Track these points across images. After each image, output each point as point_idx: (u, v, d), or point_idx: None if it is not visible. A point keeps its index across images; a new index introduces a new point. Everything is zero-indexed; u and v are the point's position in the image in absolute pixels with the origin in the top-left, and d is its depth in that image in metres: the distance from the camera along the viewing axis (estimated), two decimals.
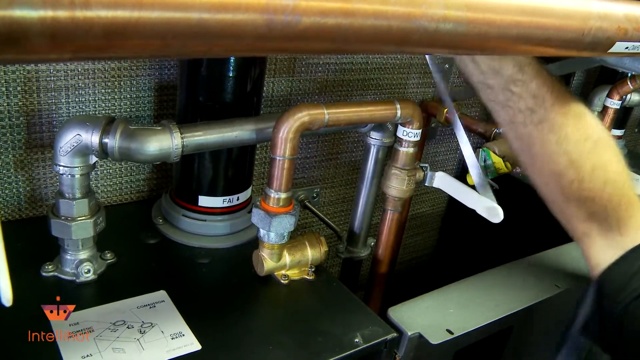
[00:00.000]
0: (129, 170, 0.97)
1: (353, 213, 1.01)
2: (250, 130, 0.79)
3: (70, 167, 0.71)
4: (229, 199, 0.89)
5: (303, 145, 1.15)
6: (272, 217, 0.76)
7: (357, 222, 1.01)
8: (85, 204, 0.74)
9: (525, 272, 0.95)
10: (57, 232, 0.74)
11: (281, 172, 0.75)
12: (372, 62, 1.16)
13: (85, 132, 0.70)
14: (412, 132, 0.86)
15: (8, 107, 0.82)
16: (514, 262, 0.97)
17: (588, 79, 1.56)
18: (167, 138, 0.72)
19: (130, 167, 0.96)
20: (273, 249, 0.80)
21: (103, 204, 0.94)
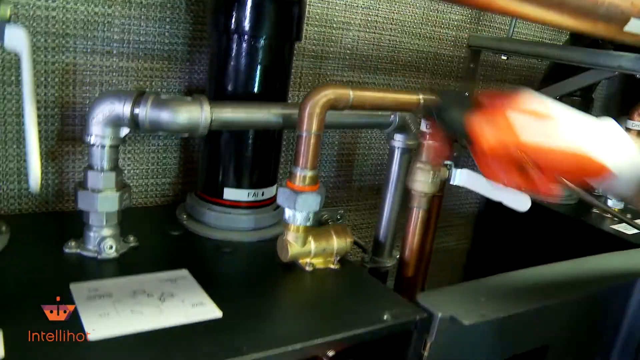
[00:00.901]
0: (155, 173, 0.98)
1: (378, 221, 1.00)
2: (277, 113, 0.81)
3: (102, 137, 0.73)
4: (254, 192, 0.89)
5: (326, 164, 1.16)
6: (297, 194, 0.76)
7: (382, 229, 0.99)
8: (113, 177, 0.75)
9: (565, 272, 0.91)
10: (83, 204, 0.74)
11: (307, 149, 0.75)
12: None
13: (118, 102, 0.72)
14: None
15: (45, 97, 0.85)
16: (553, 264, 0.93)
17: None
18: (197, 109, 0.74)
19: (157, 169, 0.98)
20: (298, 231, 0.78)
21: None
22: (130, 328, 0.60)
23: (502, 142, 0.52)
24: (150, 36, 0.91)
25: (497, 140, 0.52)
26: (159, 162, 0.98)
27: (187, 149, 0.99)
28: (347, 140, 1.18)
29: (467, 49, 1.27)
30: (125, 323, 0.61)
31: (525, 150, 0.52)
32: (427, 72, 1.24)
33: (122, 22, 0.88)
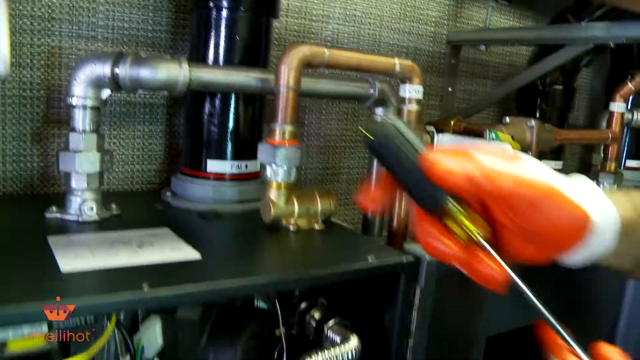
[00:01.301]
0: (141, 159, 0.98)
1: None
2: (255, 77, 0.83)
3: (84, 98, 0.74)
4: (237, 164, 0.89)
5: (313, 156, 1.17)
6: (277, 149, 0.76)
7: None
8: (94, 139, 0.76)
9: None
10: (64, 165, 0.75)
11: (285, 104, 0.77)
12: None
13: (99, 63, 0.74)
14: (414, 88, 0.88)
15: (30, 79, 0.87)
16: None
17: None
18: (175, 67, 0.76)
19: (142, 154, 0.98)
20: (280, 189, 0.78)
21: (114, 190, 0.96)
22: (105, 263, 0.59)
23: (464, 169, 0.38)
24: (134, 23, 0.94)
25: (458, 167, 0.38)
26: (145, 148, 0.98)
27: (172, 135, 1.00)
28: (332, 132, 1.19)
29: (447, 44, 1.31)
30: (100, 261, 0.60)
31: (491, 180, 0.38)
32: None
33: (106, 8, 0.91)
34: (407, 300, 0.71)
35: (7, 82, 0.85)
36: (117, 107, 0.94)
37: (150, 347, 0.66)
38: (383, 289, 0.72)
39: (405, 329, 0.71)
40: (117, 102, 0.94)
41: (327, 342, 0.69)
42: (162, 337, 0.67)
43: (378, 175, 0.58)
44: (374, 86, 0.95)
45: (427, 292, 0.71)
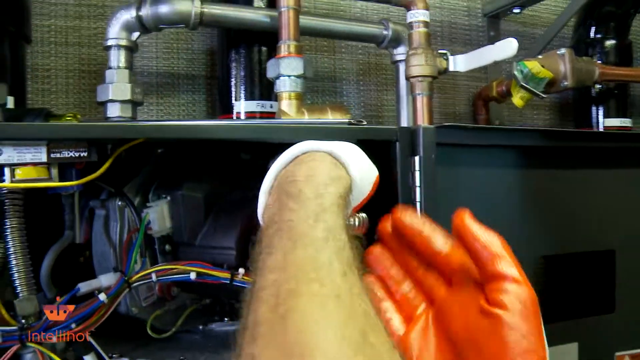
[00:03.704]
0: None
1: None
2: (265, 14, 0.91)
3: (117, 39, 0.87)
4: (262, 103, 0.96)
5: None
6: (281, 59, 0.82)
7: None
8: (126, 73, 0.87)
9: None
10: (100, 96, 0.86)
11: (287, 21, 0.84)
12: None
13: (126, 9, 0.87)
14: (419, 12, 0.92)
15: (88, 56, 1.02)
16: None
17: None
18: (188, 3, 0.86)
19: None
20: (290, 98, 0.83)
21: None
22: None
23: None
24: None
25: None
26: (188, 115, 1.09)
27: (212, 104, 1.10)
28: (372, 102, 1.23)
29: (484, 18, 1.33)
30: None
31: None
32: (445, 39, 1.30)
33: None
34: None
35: (69, 58, 1.01)
36: (162, 79, 1.07)
37: (157, 224, 0.70)
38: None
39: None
40: (163, 74, 1.07)
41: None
42: (170, 218, 0.72)
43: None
44: (387, 27, 1.00)
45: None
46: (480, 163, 0.75)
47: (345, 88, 1.21)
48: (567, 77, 1.02)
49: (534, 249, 0.80)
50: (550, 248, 0.82)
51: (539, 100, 1.29)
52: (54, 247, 0.66)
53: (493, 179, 0.76)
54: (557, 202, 0.82)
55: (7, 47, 0.82)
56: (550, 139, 0.77)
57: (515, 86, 1.01)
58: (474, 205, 0.73)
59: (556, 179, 0.82)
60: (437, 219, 0.68)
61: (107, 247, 0.71)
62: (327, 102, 1.19)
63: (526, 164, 0.78)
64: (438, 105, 1.29)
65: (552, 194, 0.82)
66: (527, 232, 0.79)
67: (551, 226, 0.81)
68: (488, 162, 0.75)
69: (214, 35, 1.09)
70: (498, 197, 0.77)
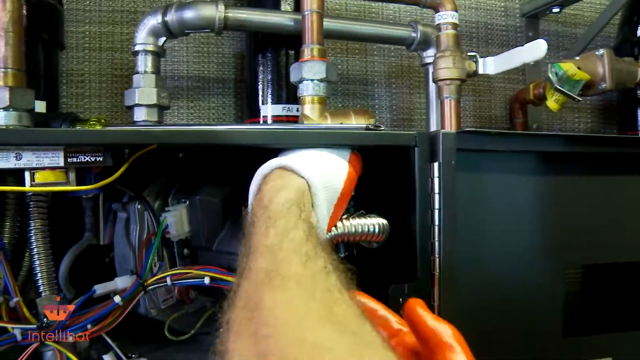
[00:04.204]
0: None
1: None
2: (291, 17, 0.91)
3: (144, 44, 0.88)
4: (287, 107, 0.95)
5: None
6: (303, 63, 0.82)
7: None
8: (153, 78, 0.88)
9: None
10: (127, 100, 0.88)
11: (310, 25, 0.83)
12: None
13: (153, 14, 0.88)
14: (447, 13, 0.90)
15: (120, 60, 1.05)
16: None
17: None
18: (212, 8, 0.87)
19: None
20: (313, 102, 0.83)
21: None
22: None
23: None
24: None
25: None
26: (218, 118, 1.10)
27: (241, 107, 1.10)
28: (404, 105, 1.21)
29: (522, 18, 1.29)
30: None
31: None
32: (481, 41, 1.27)
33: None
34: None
35: (102, 62, 1.03)
36: (192, 82, 1.08)
37: (174, 228, 0.71)
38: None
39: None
40: (193, 77, 1.08)
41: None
42: (188, 223, 0.73)
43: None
44: (416, 29, 0.98)
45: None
46: (505, 169, 0.72)
47: (377, 91, 1.20)
48: (605, 79, 0.97)
49: (570, 257, 0.77)
50: (591, 257, 0.79)
51: (579, 103, 1.24)
52: (72, 248, 0.68)
53: (518, 185, 0.73)
54: (597, 209, 0.79)
55: (41, 54, 0.84)
56: (577, 145, 0.74)
57: (549, 89, 0.97)
58: (497, 212, 0.72)
59: (594, 186, 0.78)
60: (456, 227, 0.67)
61: (127, 249, 0.72)
62: (358, 105, 1.18)
63: (554, 170, 0.75)
64: (473, 108, 1.26)
65: (590, 200, 0.78)
66: (560, 239, 0.76)
67: (592, 234, 0.78)
68: (513, 168, 0.73)
69: (243, 38, 1.09)
70: (523, 203, 0.74)
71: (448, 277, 0.67)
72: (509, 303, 0.73)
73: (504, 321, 0.72)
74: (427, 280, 0.67)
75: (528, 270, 0.74)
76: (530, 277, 0.75)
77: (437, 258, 0.67)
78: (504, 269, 0.73)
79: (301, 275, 0.36)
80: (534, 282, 0.75)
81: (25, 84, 0.68)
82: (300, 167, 0.52)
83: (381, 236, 0.68)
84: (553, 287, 0.75)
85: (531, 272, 0.75)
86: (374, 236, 0.67)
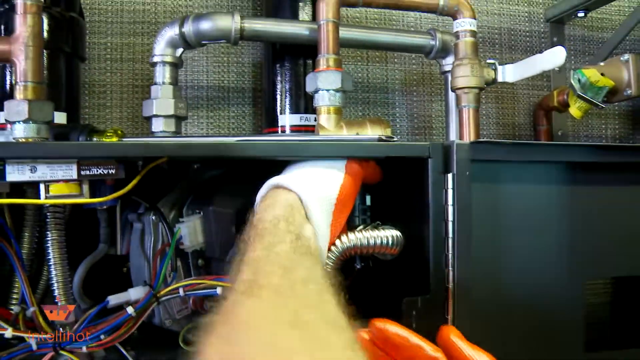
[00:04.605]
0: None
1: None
2: (305, 27, 0.90)
3: (162, 56, 0.89)
4: (305, 117, 0.95)
5: (404, 136, 1.18)
6: (319, 73, 0.82)
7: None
8: (170, 89, 0.89)
9: None
10: (145, 111, 0.89)
11: (326, 35, 0.83)
12: None
13: (171, 26, 0.89)
14: (465, 21, 0.88)
15: (141, 71, 1.06)
16: None
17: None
18: (228, 19, 0.88)
19: (236, 134, 1.10)
20: (329, 112, 0.82)
21: None
22: None
23: None
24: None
25: None
26: (238, 127, 1.10)
27: (259, 116, 1.11)
28: (425, 113, 1.20)
29: (546, 23, 1.26)
30: None
31: None
32: (504, 47, 1.25)
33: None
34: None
35: (123, 73, 1.05)
36: (212, 92, 1.09)
37: (188, 239, 0.71)
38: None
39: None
40: (213, 87, 1.09)
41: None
42: (203, 234, 0.73)
43: None
44: (434, 37, 0.97)
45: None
46: (521, 179, 0.71)
47: (397, 99, 1.19)
48: (631, 85, 0.95)
49: (592, 269, 0.74)
50: (616, 269, 0.76)
51: (606, 109, 1.21)
52: (87, 259, 0.69)
53: (536, 196, 0.71)
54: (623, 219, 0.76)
55: (63, 66, 0.86)
56: (595, 155, 0.72)
57: (572, 96, 0.95)
58: (514, 224, 0.70)
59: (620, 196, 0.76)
60: (471, 239, 0.65)
61: (142, 259, 0.72)
62: (378, 113, 1.17)
63: (574, 180, 0.73)
64: (496, 115, 1.24)
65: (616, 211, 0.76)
66: (582, 252, 0.73)
67: (617, 246, 0.75)
68: (530, 179, 0.71)
69: (262, 47, 1.10)
70: (542, 215, 0.72)
71: (463, 291, 0.65)
72: (528, 317, 0.71)
73: (522, 336, 0.70)
74: (441, 293, 0.66)
75: (548, 283, 0.72)
76: (550, 290, 0.73)
77: (451, 271, 0.65)
78: (522, 282, 0.71)
79: (279, 285, 0.39)
80: (554, 296, 0.73)
81: (45, 97, 0.70)
82: (290, 183, 0.55)
83: (395, 248, 0.67)
84: (574, 300, 0.73)
85: (551, 285, 0.73)
86: (387, 248, 0.67)
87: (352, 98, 1.15)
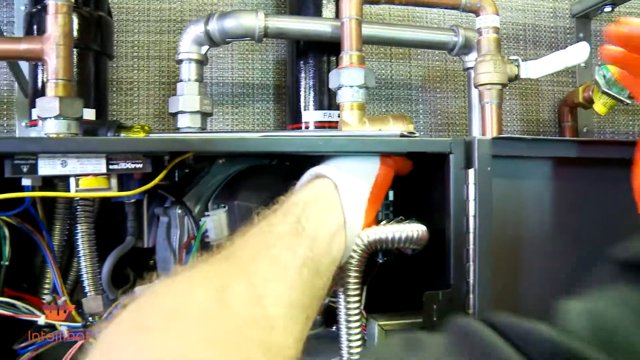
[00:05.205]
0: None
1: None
2: (329, 24, 0.91)
3: (188, 53, 0.91)
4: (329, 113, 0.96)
5: (428, 133, 1.18)
6: (341, 70, 0.83)
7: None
8: (196, 86, 0.91)
9: None
10: (171, 107, 0.91)
11: (350, 32, 0.84)
12: None
13: (196, 24, 0.91)
14: (488, 17, 0.88)
15: (167, 68, 1.08)
16: None
17: None
18: (252, 16, 0.89)
19: (260, 130, 1.11)
20: (352, 108, 0.83)
21: None
22: None
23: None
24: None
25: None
26: (262, 123, 1.12)
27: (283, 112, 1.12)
28: (450, 110, 1.20)
29: (572, 19, 1.25)
30: None
31: None
32: (528, 43, 1.24)
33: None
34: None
35: (150, 70, 1.07)
36: (237, 89, 1.11)
37: (213, 233, 0.73)
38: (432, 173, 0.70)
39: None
40: (238, 83, 1.11)
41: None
42: (228, 227, 0.74)
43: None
44: (457, 33, 0.97)
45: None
46: (543, 175, 0.71)
47: (420, 95, 1.19)
48: None
49: None
50: None
51: (633, 105, 1.20)
52: (115, 251, 0.71)
53: (559, 191, 0.71)
54: None
55: (91, 64, 0.88)
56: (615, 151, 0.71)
57: (597, 92, 0.95)
58: (536, 219, 0.70)
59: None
60: (491, 234, 0.66)
61: (168, 252, 0.74)
62: (402, 110, 1.17)
63: (599, 176, 0.72)
64: (520, 112, 1.23)
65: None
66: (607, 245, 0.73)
67: None
68: (552, 175, 0.71)
69: (286, 44, 1.11)
70: (566, 210, 0.72)
71: (483, 285, 0.66)
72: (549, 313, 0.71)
73: None
74: (462, 287, 0.66)
75: (571, 278, 0.72)
76: (573, 285, 0.73)
77: (471, 265, 0.66)
78: (544, 278, 0.71)
79: (238, 257, 0.47)
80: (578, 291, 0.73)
81: (75, 94, 0.72)
82: (327, 171, 0.60)
83: (420, 242, 0.67)
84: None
85: (575, 280, 0.72)
86: (413, 242, 0.67)
87: (376, 95, 1.16)
